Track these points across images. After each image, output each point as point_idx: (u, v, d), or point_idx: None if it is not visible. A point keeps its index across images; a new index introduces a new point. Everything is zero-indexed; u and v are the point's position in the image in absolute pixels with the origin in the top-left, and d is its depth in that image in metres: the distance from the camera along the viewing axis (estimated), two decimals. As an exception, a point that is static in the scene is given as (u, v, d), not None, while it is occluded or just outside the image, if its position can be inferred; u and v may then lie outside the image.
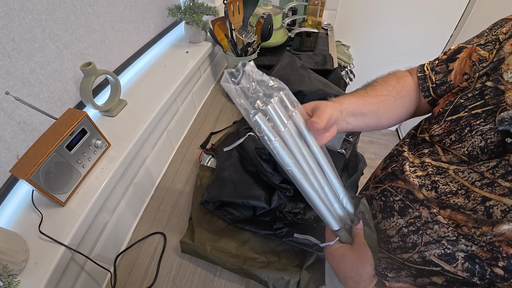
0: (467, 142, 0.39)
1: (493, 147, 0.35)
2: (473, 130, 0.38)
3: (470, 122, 0.39)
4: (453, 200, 0.37)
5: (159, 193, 0.76)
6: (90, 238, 0.54)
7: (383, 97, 0.50)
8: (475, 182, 0.36)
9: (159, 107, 0.71)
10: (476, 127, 0.38)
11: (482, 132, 0.37)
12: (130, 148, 0.61)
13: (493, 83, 0.38)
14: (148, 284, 0.59)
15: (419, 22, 1.63)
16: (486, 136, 0.36)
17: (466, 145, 0.39)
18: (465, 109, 0.40)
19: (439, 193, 0.39)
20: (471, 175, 0.37)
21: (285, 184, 0.63)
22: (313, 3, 1.48)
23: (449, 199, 0.38)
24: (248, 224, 0.64)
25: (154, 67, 0.87)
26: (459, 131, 0.40)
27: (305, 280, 0.56)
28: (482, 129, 0.37)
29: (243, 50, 1.01)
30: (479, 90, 0.39)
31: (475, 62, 0.43)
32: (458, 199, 0.37)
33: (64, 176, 0.50)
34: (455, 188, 0.38)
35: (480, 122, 0.37)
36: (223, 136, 0.89)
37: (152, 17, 0.88)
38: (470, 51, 0.45)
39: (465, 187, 0.37)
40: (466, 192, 0.36)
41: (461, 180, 0.38)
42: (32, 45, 0.52)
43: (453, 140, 0.41)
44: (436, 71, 0.49)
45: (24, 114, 0.52)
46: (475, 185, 0.36)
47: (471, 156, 0.38)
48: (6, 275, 0.39)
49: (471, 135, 0.38)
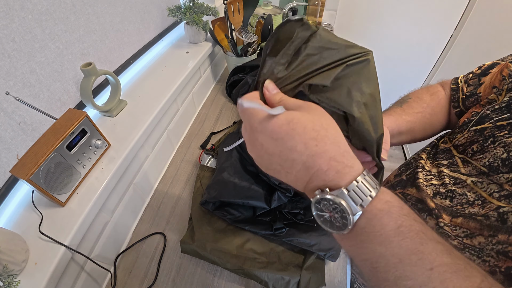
0: (489, 153, 0.38)
1: None
2: (496, 141, 0.37)
3: (494, 133, 0.38)
4: (468, 210, 0.36)
5: (159, 193, 0.76)
6: (90, 238, 0.54)
7: (419, 114, 0.50)
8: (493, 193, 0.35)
9: (159, 107, 0.71)
10: (500, 138, 0.37)
11: (506, 144, 0.36)
12: (130, 148, 0.61)
13: None
14: (148, 284, 0.59)
15: (419, 22, 1.63)
16: (509, 148, 0.35)
17: (487, 156, 0.38)
18: (490, 120, 0.39)
19: (455, 202, 0.38)
20: (490, 186, 0.36)
21: (285, 185, 0.63)
22: (313, 3, 1.48)
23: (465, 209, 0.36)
24: (248, 224, 0.64)
25: (154, 67, 0.87)
26: (482, 141, 0.39)
27: (305, 280, 0.55)
28: (505, 141, 0.36)
29: (243, 50, 1.01)
30: (506, 103, 0.39)
31: (505, 77, 0.43)
32: (474, 209, 0.36)
33: (64, 176, 0.50)
34: (472, 199, 0.37)
35: (504, 134, 0.37)
36: (223, 136, 0.89)
37: (152, 17, 0.88)
38: (502, 67, 0.45)
39: (482, 197, 0.36)
40: (482, 203, 0.35)
41: (479, 190, 0.37)
42: (32, 46, 0.52)
43: (475, 151, 0.40)
44: (469, 83, 0.50)
45: (24, 114, 0.52)
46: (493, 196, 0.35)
47: (491, 168, 0.37)
48: (6, 275, 0.39)
49: (494, 146, 0.38)
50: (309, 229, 0.61)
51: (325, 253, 0.57)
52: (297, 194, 0.66)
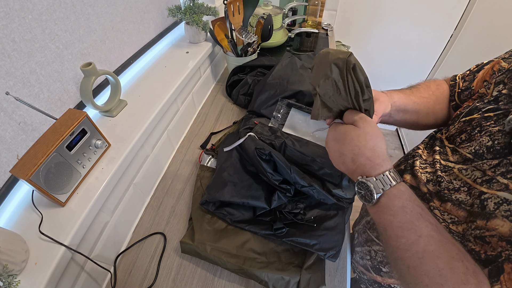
0: (476, 141, 0.40)
1: (499, 148, 0.37)
2: (483, 131, 0.40)
3: (481, 123, 0.41)
4: (455, 196, 0.39)
5: (159, 193, 0.76)
6: (90, 238, 0.54)
7: (425, 99, 0.55)
8: (476, 179, 0.38)
9: (159, 107, 0.71)
10: (486, 127, 0.40)
11: (491, 133, 0.38)
12: (130, 148, 0.61)
13: (507, 91, 0.40)
14: (148, 284, 0.59)
15: (419, 22, 1.63)
16: (494, 137, 0.38)
17: (474, 144, 0.40)
18: (479, 112, 0.42)
19: (443, 187, 0.41)
20: (474, 173, 0.38)
21: (285, 185, 0.63)
22: (313, 3, 1.48)
23: (451, 195, 0.40)
24: (248, 224, 0.64)
25: (154, 67, 0.87)
26: (470, 130, 0.42)
27: (305, 280, 0.55)
28: (491, 130, 0.39)
29: (243, 50, 1.01)
30: (494, 97, 0.42)
31: (495, 72, 0.46)
32: (460, 195, 0.39)
33: (64, 176, 0.50)
34: (458, 185, 0.40)
35: (490, 124, 0.39)
36: (223, 136, 0.89)
37: (152, 17, 0.88)
38: (495, 63, 0.48)
39: (468, 184, 0.39)
40: (468, 189, 0.38)
41: (464, 177, 0.39)
42: (32, 45, 0.52)
43: (463, 140, 0.43)
44: (465, 79, 0.54)
45: (24, 114, 0.52)
46: (476, 182, 0.38)
47: (477, 155, 0.39)
48: (6, 275, 0.39)
49: (480, 135, 0.40)
50: (309, 229, 0.61)
51: (325, 253, 0.57)
52: (297, 194, 0.66)
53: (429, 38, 1.68)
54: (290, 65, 0.89)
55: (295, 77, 0.85)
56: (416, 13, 1.59)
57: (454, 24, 1.61)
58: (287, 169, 0.61)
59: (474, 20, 1.53)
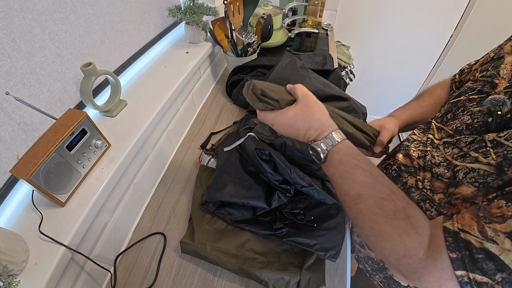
0: (458, 119, 0.45)
1: (477, 126, 0.41)
2: (465, 110, 0.45)
3: (465, 104, 0.46)
4: (435, 169, 0.45)
5: (159, 193, 0.76)
6: (90, 238, 0.54)
7: (430, 106, 0.62)
8: (454, 156, 0.43)
9: (159, 107, 0.71)
10: (469, 108, 0.44)
11: (472, 113, 0.43)
12: (130, 148, 0.61)
13: (490, 78, 0.45)
14: (148, 284, 0.59)
15: (419, 22, 1.63)
16: (474, 116, 0.43)
17: (456, 122, 0.46)
18: (465, 95, 0.47)
19: (426, 160, 0.47)
20: (453, 150, 0.43)
21: (285, 185, 0.63)
22: (313, 3, 1.48)
23: (432, 168, 0.45)
24: (248, 224, 0.64)
25: (154, 67, 0.87)
26: (454, 110, 0.47)
27: (305, 280, 0.55)
28: (472, 110, 0.43)
29: (243, 50, 1.02)
30: (481, 83, 0.46)
31: (484, 61, 0.51)
32: (440, 169, 0.44)
33: (64, 176, 0.50)
34: (439, 161, 0.45)
35: (472, 105, 0.44)
36: (223, 136, 0.89)
37: (152, 17, 0.88)
38: (487, 55, 0.53)
39: (447, 160, 0.44)
40: (447, 165, 0.43)
41: (445, 154, 0.44)
42: (32, 46, 0.52)
43: (448, 118, 0.48)
44: (463, 72, 0.60)
45: (24, 114, 0.52)
46: (453, 157, 0.43)
47: (457, 131, 0.44)
48: (6, 275, 0.39)
49: (463, 114, 0.45)
50: (309, 229, 0.61)
51: (325, 253, 0.57)
52: (297, 194, 0.66)
53: (429, 38, 1.68)
54: (290, 65, 0.89)
55: (295, 77, 0.85)
56: (416, 13, 1.59)
57: (454, 25, 1.61)
58: (287, 169, 0.61)
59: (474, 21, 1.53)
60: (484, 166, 0.36)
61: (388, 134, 0.57)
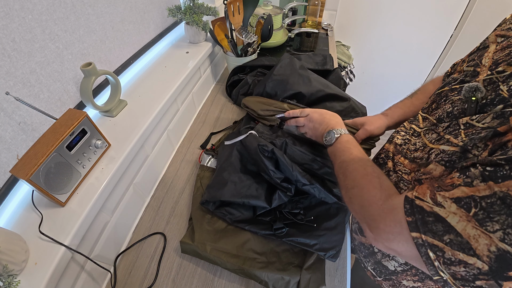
0: (441, 109, 0.48)
1: (456, 113, 0.43)
2: (447, 100, 0.47)
3: (447, 94, 0.48)
4: (413, 154, 0.49)
5: (159, 193, 0.76)
6: (90, 238, 0.54)
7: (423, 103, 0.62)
8: (432, 140, 0.46)
9: (159, 107, 0.71)
10: (450, 97, 0.47)
11: (453, 101, 0.45)
12: (130, 148, 0.61)
13: (473, 67, 0.46)
14: (148, 284, 0.59)
15: (419, 22, 1.63)
16: (454, 104, 0.45)
17: (439, 111, 0.48)
18: (449, 85, 0.49)
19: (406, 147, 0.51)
20: (432, 136, 0.46)
21: (286, 184, 0.63)
22: (313, 3, 1.48)
23: (412, 154, 0.49)
24: (248, 224, 0.64)
25: (154, 67, 0.87)
26: (438, 100, 0.50)
27: (305, 280, 0.55)
28: (453, 98, 0.46)
29: (243, 50, 1.02)
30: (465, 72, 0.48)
31: (471, 52, 0.52)
32: (417, 153, 0.48)
33: (64, 176, 0.50)
34: (418, 146, 0.48)
35: (454, 94, 0.46)
36: (223, 136, 0.89)
37: (152, 17, 0.88)
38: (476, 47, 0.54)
39: (425, 144, 0.47)
40: (424, 149, 0.46)
41: (425, 139, 0.48)
42: (32, 46, 0.52)
43: (433, 108, 0.51)
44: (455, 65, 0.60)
45: (24, 114, 0.52)
46: (431, 142, 0.45)
47: (439, 119, 0.47)
48: (6, 275, 0.39)
49: (445, 103, 0.47)
50: (309, 229, 0.61)
51: (325, 253, 0.57)
52: (298, 194, 0.66)
53: (429, 38, 1.68)
54: (289, 66, 0.89)
55: (294, 78, 0.85)
56: (416, 13, 1.59)
57: (454, 24, 1.61)
58: (289, 167, 0.61)
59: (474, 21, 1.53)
60: (452, 147, 0.39)
61: (364, 134, 0.66)
